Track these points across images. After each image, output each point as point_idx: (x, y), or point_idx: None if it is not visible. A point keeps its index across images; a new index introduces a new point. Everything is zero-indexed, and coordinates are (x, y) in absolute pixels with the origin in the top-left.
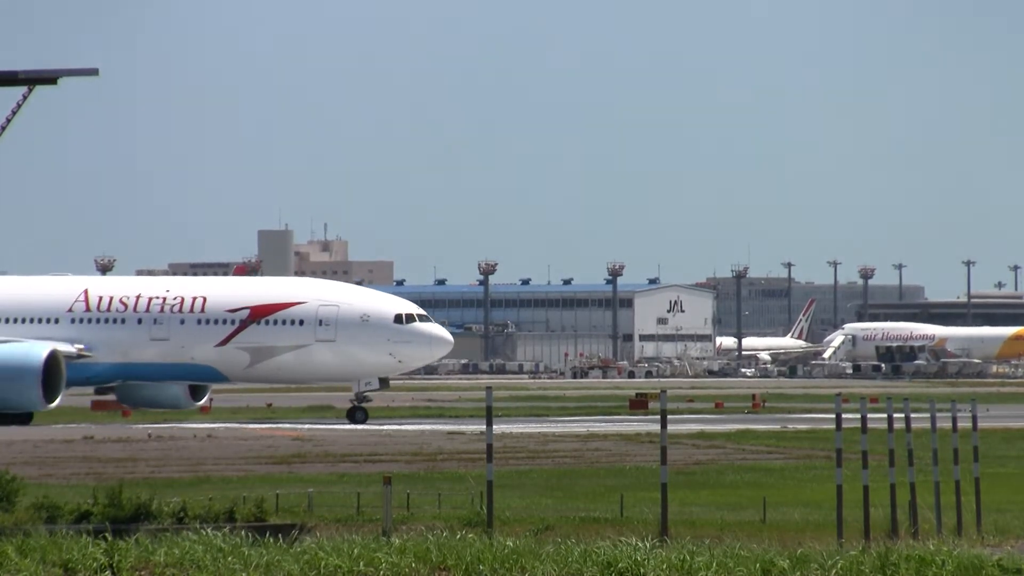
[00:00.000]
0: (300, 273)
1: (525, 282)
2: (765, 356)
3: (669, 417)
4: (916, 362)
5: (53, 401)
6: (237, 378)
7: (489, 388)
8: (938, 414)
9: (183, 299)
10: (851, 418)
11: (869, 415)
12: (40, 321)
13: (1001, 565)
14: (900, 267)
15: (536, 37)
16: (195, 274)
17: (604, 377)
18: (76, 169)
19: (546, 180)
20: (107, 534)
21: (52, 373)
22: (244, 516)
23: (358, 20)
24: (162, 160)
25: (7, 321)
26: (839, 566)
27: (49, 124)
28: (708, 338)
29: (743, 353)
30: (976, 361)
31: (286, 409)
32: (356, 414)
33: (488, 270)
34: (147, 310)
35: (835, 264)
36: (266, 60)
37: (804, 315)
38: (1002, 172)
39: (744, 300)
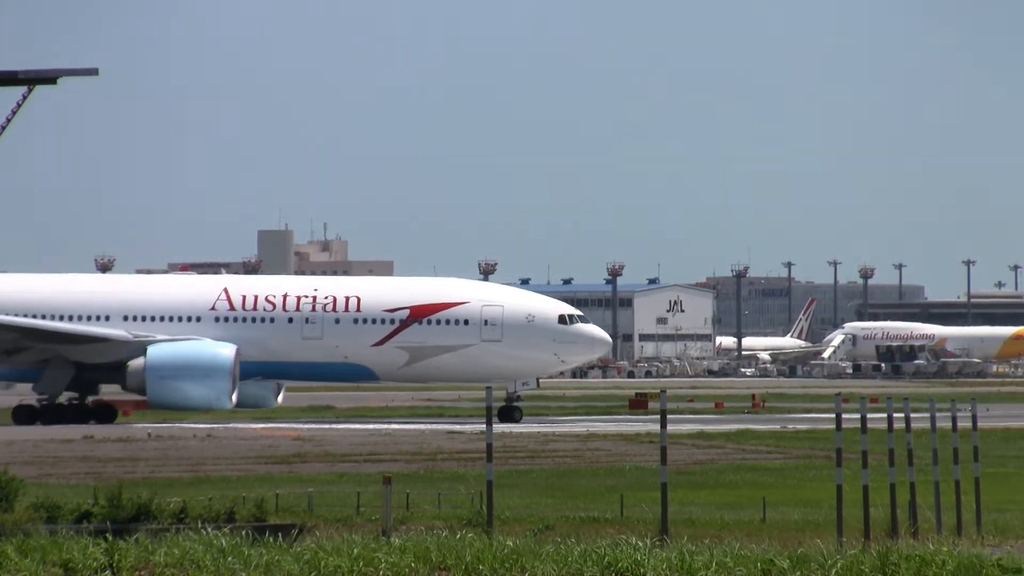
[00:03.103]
0: (299, 273)
1: (525, 282)
2: (765, 356)
3: (669, 417)
4: (916, 362)
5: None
6: (389, 378)
7: (489, 388)
8: (938, 414)
9: (335, 298)
10: (851, 418)
11: (869, 415)
12: (182, 320)
13: (1001, 565)
14: (900, 267)
15: (536, 38)
16: (195, 274)
17: (604, 377)
18: (76, 169)
19: (546, 180)
20: (108, 534)
21: (233, 372)
22: (244, 516)
23: (358, 20)
24: (162, 160)
25: (149, 320)
26: (839, 566)
27: (49, 124)
28: (708, 338)
29: (743, 353)
30: (976, 361)
31: (286, 409)
32: (514, 413)
33: (488, 270)
34: (297, 309)
35: (835, 264)
36: (266, 60)
37: (804, 315)
38: (1002, 172)
39: (744, 300)
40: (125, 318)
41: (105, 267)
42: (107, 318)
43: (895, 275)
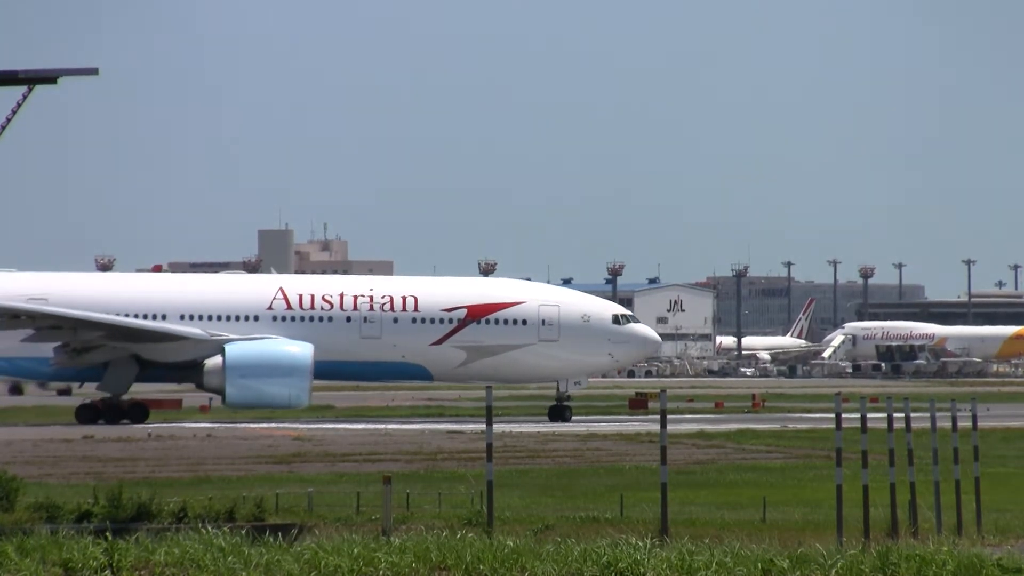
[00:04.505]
0: (300, 272)
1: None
2: (765, 355)
3: (669, 417)
4: (916, 361)
5: None
6: (444, 377)
7: (489, 387)
8: (938, 413)
9: (392, 298)
10: (851, 417)
11: (869, 415)
12: (239, 319)
13: (1001, 565)
14: (900, 266)
15: (536, 37)
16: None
17: (604, 376)
18: (76, 169)
19: (546, 180)
20: (108, 534)
21: (312, 370)
22: (244, 516)
23: (358, 20)
24: (162, 160)
25: (206, 318)
26: (839, 565)
27: (49, 124)
28: (708, 337)
29: (743, 352)
30: (976, 360)
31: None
32: (564, 413)
33: (488, 269)
34: (355, 308)
35: (835, 263)
36: (266, 60)
37: (804, 314)
38: (1002, 172)
39: (744, 299)
40: (181, 317)
41: (105, 267)
42: (163, 317)
43: (895, 275)
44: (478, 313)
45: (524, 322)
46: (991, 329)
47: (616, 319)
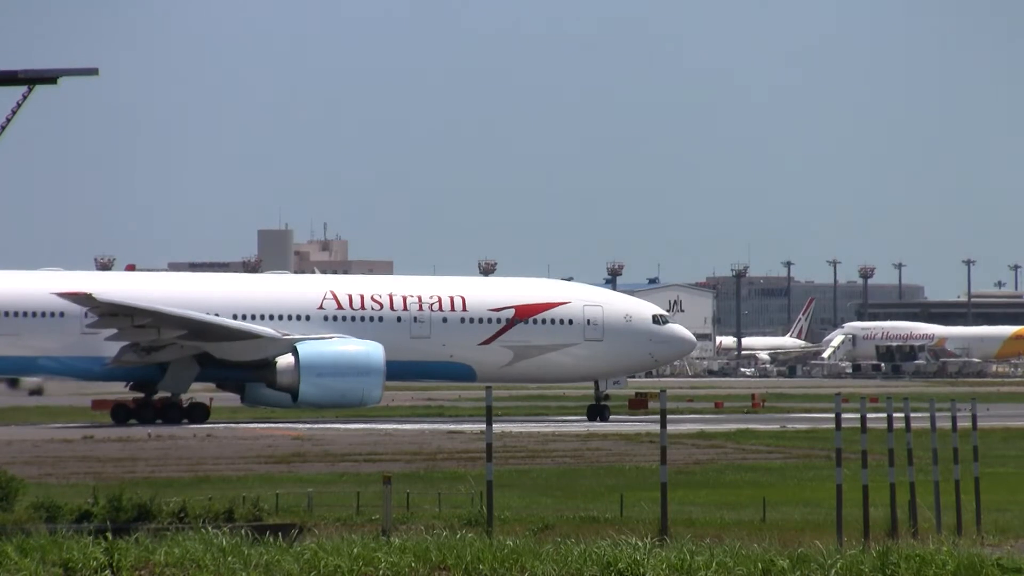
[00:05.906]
0: (299, 271)
1: None
2: (764, 356)
3: (669, 417)
4: (916, 362)
5: None
6: (489, 377)
7: (489, 387)
8: (938, 414)
9: (440, 298)
10: (851, 418)
11: (869, 415)
12: (291, 318)
13: (1001, 564)
14: (900, 267)
15: (536, 36)
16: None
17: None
18: (76, 169)
19: (546, 180)
20: (108, 533)
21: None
22: (244, 516)
23: (358, 20)
24: (162, 160)
25: (259, 318)
26: (839, 565)
27: (49, 124)
28: (708, 337)
29: (743, 353)
30: (976, 361)
31: (286, 408)
32: (604, 412)
33: (488, 269)
34: (404, 308)
35: (835, 263)
36: (266, 60)
37: (804, 314)
38: (1002, 172)
39: (744, 300)
40: (234, 316)
41: (105, 266)
42: (216, 315)
43: (895, 275)
44: (526, 313)
45: (570, 322)
46: (991, 329)
47: (655, 319)
